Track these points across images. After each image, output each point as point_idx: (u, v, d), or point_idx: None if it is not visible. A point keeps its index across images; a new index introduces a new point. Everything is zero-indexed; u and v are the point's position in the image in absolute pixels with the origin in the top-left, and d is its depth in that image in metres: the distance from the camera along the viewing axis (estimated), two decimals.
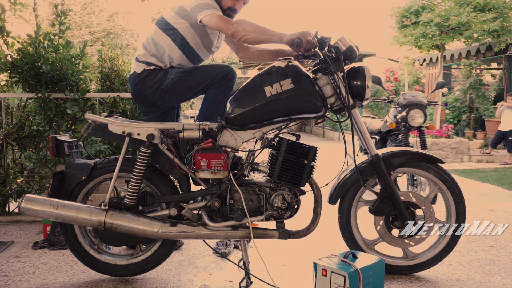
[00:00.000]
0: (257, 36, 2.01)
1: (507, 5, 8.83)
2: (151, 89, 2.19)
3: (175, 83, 2.17)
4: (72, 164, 2.09)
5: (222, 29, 2.06)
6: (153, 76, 2.19)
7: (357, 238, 2.22)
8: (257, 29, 2.01)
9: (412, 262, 2.23)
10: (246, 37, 2.02)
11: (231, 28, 2.03)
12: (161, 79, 2.18)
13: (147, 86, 2.20)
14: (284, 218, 2.00)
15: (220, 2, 2.20)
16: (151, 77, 2.19)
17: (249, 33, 2.01)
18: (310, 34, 1.94)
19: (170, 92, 2.19)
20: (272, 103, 1.93)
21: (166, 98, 2.21)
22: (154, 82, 2.19)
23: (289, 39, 1.95)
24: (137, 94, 2.25)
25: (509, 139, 7.40)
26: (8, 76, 3.33)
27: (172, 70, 2.21)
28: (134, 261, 2.16)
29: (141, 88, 2.22)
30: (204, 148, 1.94)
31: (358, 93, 2.01)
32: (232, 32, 2.03)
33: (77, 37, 18.85)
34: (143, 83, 2.21)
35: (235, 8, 2.24)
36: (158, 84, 2.18)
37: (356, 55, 1.99)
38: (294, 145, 1.97)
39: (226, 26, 2.04)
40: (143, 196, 2.06)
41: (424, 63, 13.12)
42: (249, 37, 2.02)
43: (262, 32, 2.00)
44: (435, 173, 2.17)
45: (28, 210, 1.95)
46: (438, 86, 3.81)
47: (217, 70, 2.18)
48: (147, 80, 2.20)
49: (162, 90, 2.18)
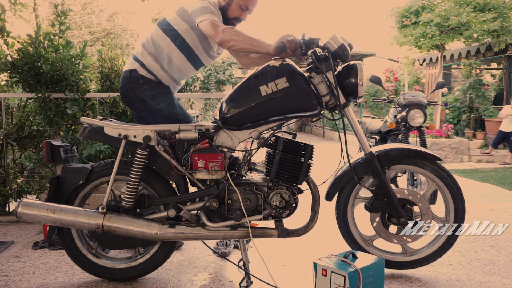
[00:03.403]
0: (244, 47, 2.03)
1: (507, 5, 8.83)
2: (136, 98, 2.26)
3: (155, 113, 2.24)
4: (69, 169, 2.08)
5: (211, 36, 2.08)
6: (142, 88, 2.24)
7: (355, 234, 2.22)
8: (245, 40, 2.02)
9: (410, 258, 2.23)
10: (235, 47, 2.03)
11: (218, 37, 2.04)
12: (147, 95, 2.24)
13: (133, 92, 2.26)
14: (282, 216, 2.00)
15: (226, 11, 2.23)
16: (139, 86, 2.24)
17: (237, 43, 2.02)
18: (289, 35, 1.94)
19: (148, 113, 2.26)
20: (268, 102, 1.93)
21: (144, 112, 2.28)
22: (140, 92, 2.25)
23: (274, 48, 1.96)
24: (123, 94, 2.31)
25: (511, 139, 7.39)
26: (8, 76, 3.33)
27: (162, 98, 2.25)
28: (133, 264, 2.15)
29: (128, 90, 2.27)
30: (201, 149, 1.94)
31: (352, 90, 2.01)
32: (219, 41, 2.04)
33: (77, 37, 18.86)
34: (131, 88, 2.26)
35: (241, 18, 2.29)
36: (143, 97, 2.24)
37: (349, 54, 1.98)
38: (290, 143, 1.98)
39: (215, 33, 2.05)
40: (141, 199, 2.06)
41: (424, 63, 13.13)
42: (238, 47, 2.04)
43: (249, 43, 2.02)
44: (432, 170, 2.15)
45: (25, 215, 1.95)
46: (438, 86, 3.81)
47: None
48: (135, 86, 2.25)
49: (144, 105, 2.25)
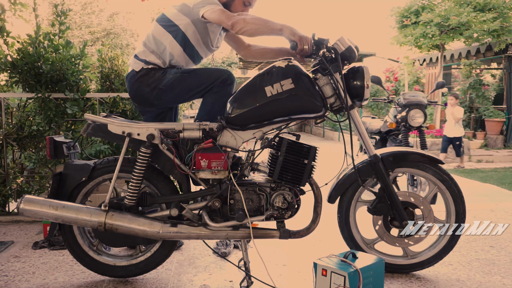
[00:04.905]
0: (258, 28, 1.99)
1: (507, 5, 8.84)
2: (149, 88, 2.16)
3: (173, 83, 2.15)
4: (71, 165, 2.08)
5: (222, 21, 2.04)
6: (151, 75, 2.16)
7: (357, 238, 2.22)
8: (258, 21, 1.99)
9: (412, 261, 2.23)
10: (246, 28, 2.00)
11: (231, 19, 2.00)
12: (159, 78, 2.15)
13: (144, 85, 2.17)
14: (284, 217, 2.00)
15: (229, 7, 2.20)
16: (149, 76, 2.16)
17: (249, 24, 1.99)
18: (308, 43, 1.94)
19: (168, 92, 2.16)
20: (273, 103, 1.93)
21: (163, 97, 2.18)
22: (152, 81, 2.16)
23: (287, 36, 1.95)
24: (134, 93, 2.22)
25: (456, 143, 7.32)
26: (8, 76, 3.33)
27: (171, 70, 2.18)
28: (134, 262, 2.15)
29: (139, 87, 2.18)
30: (204, 148, 1.94)
31: (357, 93, 2.02)
32: (232, 23, 2.00)
33: (77, 37, 18.85)
34: (140, 82, 2.17)
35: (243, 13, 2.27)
36: (156, 83, 2.15)
37: (355, 56, 1.99)
38: (294, 145, 1.97)
39: (227, 18, 2.02)
40: (143, 197, 2.06)
41: (424, 63, 13.13)
42: (249, 28, 2.00)
43: (264, 24, 1.99)
44: (434, 173, 2.17)
45: (27, 211, 1.94)
46: (438, 86, 3.81)
47: (217, 74, 2.16)
48: (145, 78, 2.16)
49: (160, 89, 2.15)
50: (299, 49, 1.94)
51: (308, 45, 1.94)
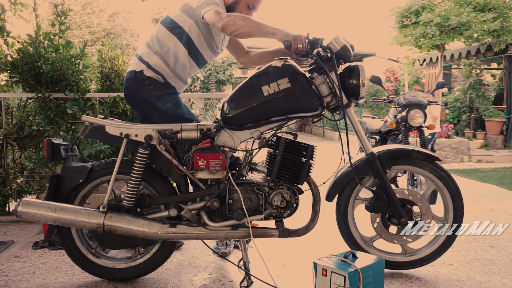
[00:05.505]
0: (249, 31, 1.99)
1: (507, 5, 8.84)
2: (140, 97, 2.21)
3: (161, 112, 2.20)
4: (69, 167, 2.07)
5: (214, 23, 2.03)
6: (147, 89, 2.20)
7: (355, 236, 2.22)
8: (250, 23, 1.98)
9: (410, 258, 2.23)
10: (238, 31, 1.99)
11: (221, 21, 1.99)
12: (153, 96, 2.19)
13: (138, 92, 2.21)
14: (283, 216, 2.00)
15: (233, 10, 2.20)
16: (145, 87, 2.20)
17: (240, 27, 1.98)
18: (301, 42, 1.93)
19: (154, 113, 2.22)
20: (270, 102, 1.93)
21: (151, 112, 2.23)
22: (145, 93, 2.20)
23: (280, 38, 1.95)
24: (128, 94, 2.26)
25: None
26: (8, 76, 3.33)
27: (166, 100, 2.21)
28: (133, 264, 2.15)
29: (133, 90, 2.22)
30: (202, 149, 1.94)
31: (353, 91, 2.02)
32: (222, 26, 1.99)
33: (77, 37, 18.87)
34: (136, 88, 2.21)
35: None
36: (149, 97, 2.20)
37: (351, 55, 1.99)
38: (292, 143, 1.98)
39: (218, 19, 2.00)
40: (142, 198, 2.06)
41: (424, 63, 13.14)
42: (241, 32, 1.99)
43: (255, 26, 1.98)
44: (431, 170, 2.17)
45: (25, 214, 1.93)
46: (438, 86, 3.81)
47: None
48: (141, 86, 2.20)
49: (150, 104, 2.20)
50: (293, 48, 1.94)
51: (302, 44, 1.93)
